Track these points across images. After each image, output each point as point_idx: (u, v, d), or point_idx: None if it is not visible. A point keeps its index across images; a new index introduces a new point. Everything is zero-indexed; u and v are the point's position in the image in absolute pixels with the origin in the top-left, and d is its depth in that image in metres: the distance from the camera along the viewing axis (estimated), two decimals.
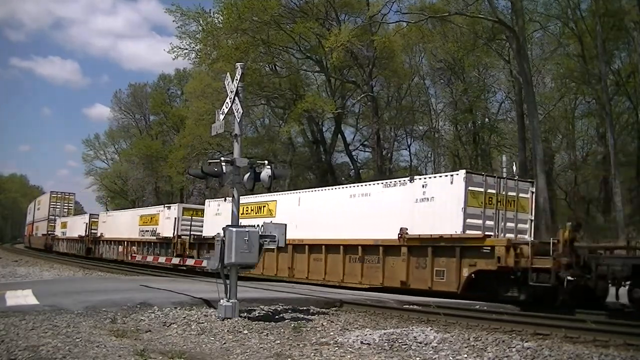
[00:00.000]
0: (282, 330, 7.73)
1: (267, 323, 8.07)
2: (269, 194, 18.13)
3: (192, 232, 22.61)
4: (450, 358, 6.25)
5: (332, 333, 7.72)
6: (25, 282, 15.48)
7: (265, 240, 8.46)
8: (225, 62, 27.00)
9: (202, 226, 22.22)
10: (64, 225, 41.56)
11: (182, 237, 23.21)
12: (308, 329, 7.95)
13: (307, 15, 29.56)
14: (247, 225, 10.10)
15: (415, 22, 28.91)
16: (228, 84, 8.93)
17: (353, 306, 10.29)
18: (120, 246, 30.35)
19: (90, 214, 37.46)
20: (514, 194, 13.74)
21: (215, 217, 20.65)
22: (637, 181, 29.15)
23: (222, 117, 9.00)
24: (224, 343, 6.83)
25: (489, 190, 13.18)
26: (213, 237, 16.76)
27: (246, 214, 18.74)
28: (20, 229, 74.43)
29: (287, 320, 8.44)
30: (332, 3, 30.25)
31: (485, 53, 31.32)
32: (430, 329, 7.67)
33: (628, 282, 10.16)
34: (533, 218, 14.33)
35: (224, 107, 8.98)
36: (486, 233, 12.57)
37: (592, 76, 27.81)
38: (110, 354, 5.71)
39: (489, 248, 12.02)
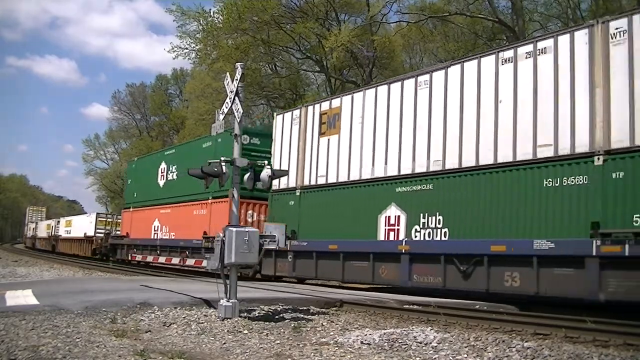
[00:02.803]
0: (282, 330, 7.72)
1: (267, 323, 8.06)
2: (73, 217, 45.13)
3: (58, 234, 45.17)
4: (450, 358, 6.24)
5: (332, 333, 7.71)
6: (25, 282, 15.47)
7: (265, 241, 8.46)
8: (225, 62, 27.03)
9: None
10: (29, 228, 62.68)
11: (56, 236, 44.60)
12: (308, 329, 7.94)
13: (307, 15, 29.55)
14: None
15: (416, 22, 28.94)
16: (228, 84, 8.92)
17: (353, 306, 10.27)
18: (40, 240, 52.26)
19: (36, 222, 58.94)
20: (119, 220, 31.71)
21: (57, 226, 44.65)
22: None
23: (222, 117, 8.99)
24: (224, 343, 6.82)
25: (109, 220, 34.50)
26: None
27: (66, 225, 41.26)
28: (20, 229, 77.31)
29: (287, 320, 8.43)
30: (332, 3, 30.22)
31: None
32: (430, 329, 7.66)
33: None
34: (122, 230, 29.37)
35: (224, 107, 8.97)
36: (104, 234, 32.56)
37: None
38: (110, 354, 5.71)
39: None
